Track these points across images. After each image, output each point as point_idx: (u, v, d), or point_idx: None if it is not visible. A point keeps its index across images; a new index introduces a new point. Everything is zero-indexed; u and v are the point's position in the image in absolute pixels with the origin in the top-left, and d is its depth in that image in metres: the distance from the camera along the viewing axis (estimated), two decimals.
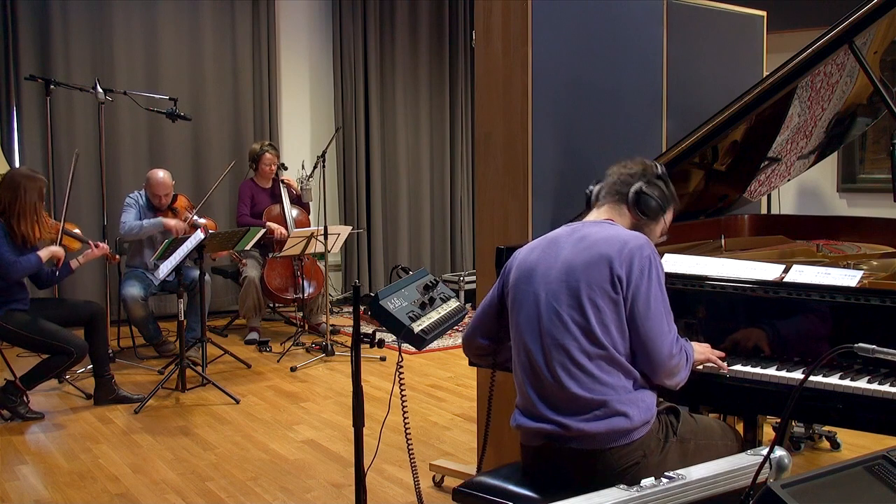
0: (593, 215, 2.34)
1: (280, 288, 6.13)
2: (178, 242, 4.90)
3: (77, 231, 4.92)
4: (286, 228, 6.19)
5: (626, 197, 2.29)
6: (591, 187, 2.41)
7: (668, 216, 2.37)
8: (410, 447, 2.42)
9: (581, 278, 2.11)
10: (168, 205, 5.71)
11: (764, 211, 4.59)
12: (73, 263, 4.73)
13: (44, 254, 4.44)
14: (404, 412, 2.36)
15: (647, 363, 2.12)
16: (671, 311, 2.15)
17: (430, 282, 2.41)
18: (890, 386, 2.10)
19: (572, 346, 2.09)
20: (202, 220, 5.73)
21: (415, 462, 2.49)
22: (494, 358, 2.43)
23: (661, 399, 2.23)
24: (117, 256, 5.24)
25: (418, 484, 2.49)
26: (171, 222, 5.56)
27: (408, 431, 2.39)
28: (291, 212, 6.34)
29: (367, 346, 2.30)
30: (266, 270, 6.09)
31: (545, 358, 2.13)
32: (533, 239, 3.13)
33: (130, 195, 5.77)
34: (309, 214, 6.46)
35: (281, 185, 6.32)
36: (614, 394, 2.08)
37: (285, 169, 6.41)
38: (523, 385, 2.21)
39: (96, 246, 4.85)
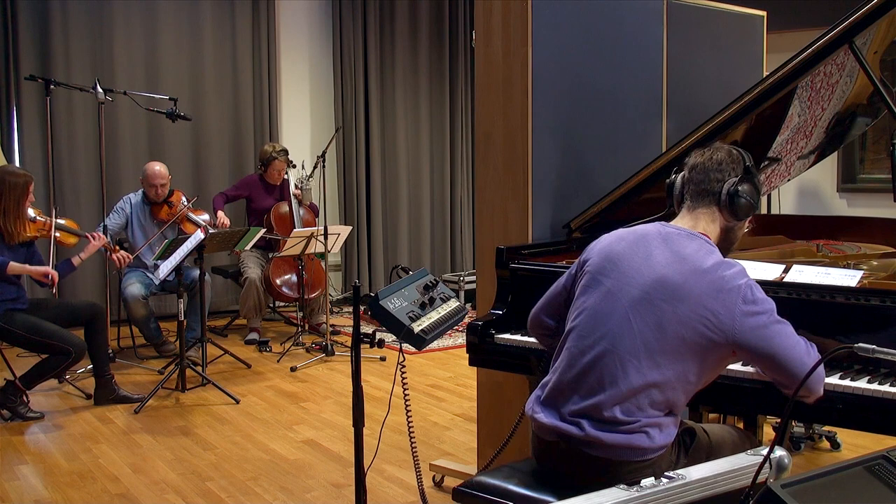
0: (687, 221, 2.17)
1: (285, 286, 6.14)
2: (178, 242, 4.90)
3: (67, 224, 4.90)
4: (293, 227, 6.20)
5: (719, 198, 2.13)
6: (673, 176, 2.26)
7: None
8: (414, 447, 2.42)
9: (671, 309, 1.99)
10: (164, 198, 5.70)
11: (764, 211, 4.59)
12: (76, 260, 4.72)
13: (15, 267, 4.33)
14: (408, 413, 2.36)
15: (795, 382, 2.00)
16: (784, 319, 2.02)
17: (430, 282, 2.42)
18: (890, 386, 2.10)
19: (631, 365, 2.00)
20: (202, 219, 5.73)
21: (419, 463, 2.49)
22: (552, 340, 2.32)
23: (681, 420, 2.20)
24: (117, 248, 5.19)
25: (421, 484, 2.49)
26: (111, 254, 5.11)
27: (411, 432, 2.38)
28: (300, 211, 6.36)
29: (367, 346, 2.30)
30: (271, 268, 6.10)
31: (598, 361, 2.04)
32: (532, 239, 3.15)
33: (124, 198, 5.78)
34: (317, 216, 6.44)
35: (292, 195, 6.34)
36: (644, 416, 2.01)
37: (293, 167, 6.41)
38: (561, 371, 2.11)
39: (93, 237, 4.85)
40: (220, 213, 6.06)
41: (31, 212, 4.58)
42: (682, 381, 2.02)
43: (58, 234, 4.73)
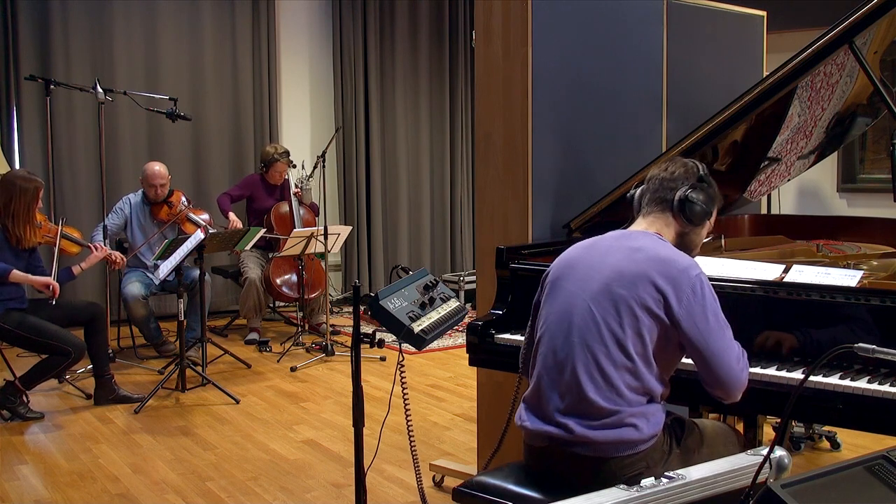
0: (641, 225, 2.27)
1: (285, 286, 6.14)
2: (178, 242, 4.90)
3: (72, 233, 4.90)
4: (294, 227, 6.20)
5: (671, 204, 2.23)
6: (632, 191, 2.36)
7: (713, 215, 2.31)
8: (414, 448, 2.42)
9: (626, 293, 2.06)
10: (164, 198, 5.70)
11: (764, 211, 4.59)
12: (76, 269, 4.73)
13: (18, 276, 4.33)
14: (407, 413, 2.36)
15: (717, 382, 2.08)
16: (728, 324, 2.10)
17: (430, 282, 2.42)
18: (890, 386, 2.10)
19: (600, 351, 2.06)
20: (202, 218, 5.73)
21: (418, 462, 2.49)
22: None
23: (668, 411, 2.22)
24: (114, 255, 5.12)
25: (421, 484, 2.49)
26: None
27: (411, 432, 2.39)
28: (300, 211, 6.37)
29: (367, 346, 2.30)
30: (271, 268, 6.10)
31: (569, 355, 2.10)
32: (532, 239, 3.16)
33: (124, 198, 5.77)
34: (317, 216, 6.44)
35: (292, 195, 6.34)
36: (627, 406, 2.05)
37: (293, 167, 6.42)
38: (539, 376, 2.17)
39: (95, 248, 4.85)
40: (232, 215, 6.06)
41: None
42: (646, 364, 2.07)
43: (62, 243, 4.73)
